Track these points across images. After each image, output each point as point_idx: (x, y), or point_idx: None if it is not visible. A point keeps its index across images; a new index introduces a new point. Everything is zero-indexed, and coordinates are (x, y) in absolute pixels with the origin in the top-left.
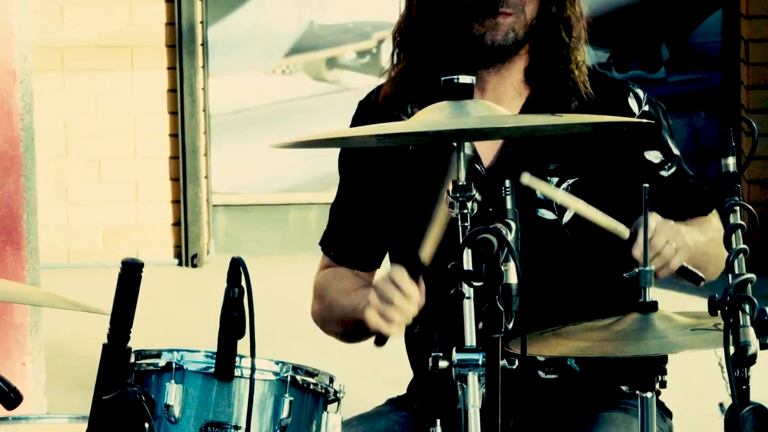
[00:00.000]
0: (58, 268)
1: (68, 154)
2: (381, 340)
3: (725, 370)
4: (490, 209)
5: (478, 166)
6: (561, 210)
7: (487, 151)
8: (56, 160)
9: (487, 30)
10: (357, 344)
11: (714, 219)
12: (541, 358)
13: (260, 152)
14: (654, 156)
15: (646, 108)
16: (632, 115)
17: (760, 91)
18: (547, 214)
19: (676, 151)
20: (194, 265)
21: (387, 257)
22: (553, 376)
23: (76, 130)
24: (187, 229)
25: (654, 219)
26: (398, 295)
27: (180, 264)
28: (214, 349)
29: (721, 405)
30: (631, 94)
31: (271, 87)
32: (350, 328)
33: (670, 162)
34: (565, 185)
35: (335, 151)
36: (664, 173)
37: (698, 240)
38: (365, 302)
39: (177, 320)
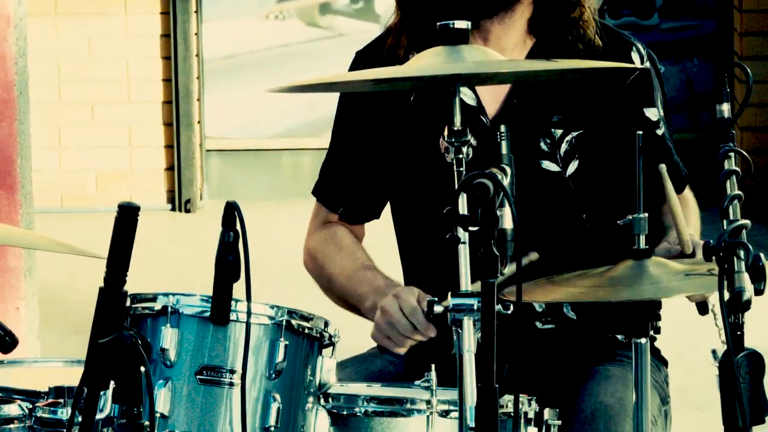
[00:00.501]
0: (52, 212)
1: (61, 98)
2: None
3: (718, 316)
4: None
5: (482, 117)
6: (565, 162)
7: (491, 102)
8: (49, 105)
9: None
10: None
11: (688, 198)
12: (539, 308)
13: (253, 97)
14: (652, 113)
15: (647, 64)
16: (633, 71)
17: (754, 38)
18: (551, 166)
19: (660, 112)
20: (187, 210)
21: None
22: (550, 326)
23: (68, 74)
24: (180, 174)
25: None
26: (412, 331)
27: (173, 209)
28: (210, 293)
29: (714, 352)
30: (634, 48)
31: (264, 32)
32: (347, 307)
33: (662, 122)
34: (569, 137)
35: (328, 98)
36: (659, 131)
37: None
38: (370, 298)
39: (171, 264)
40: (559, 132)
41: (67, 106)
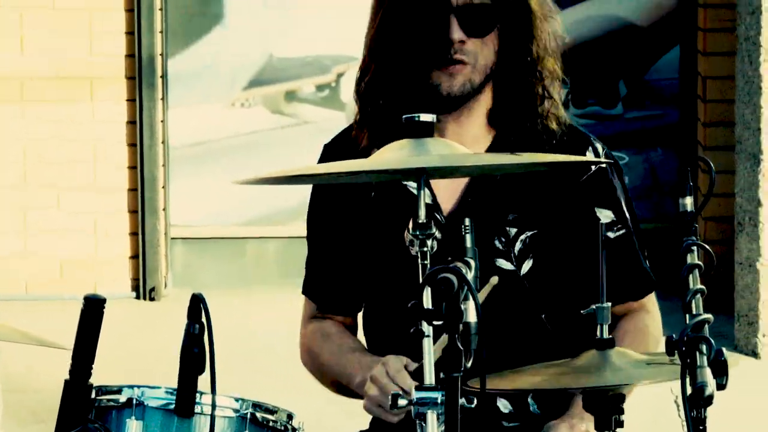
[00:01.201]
0: (16, 300)
1: (26, 181)
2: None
3: (681, 408)
4: (449, 258)
5: (437, 215)
6: (519, 261)
7: (447, 199)
8: (14, 189)
9: (443, 80)
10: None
11: (649, 306)
12: (505, 410)
13: (218, 185)
14: (605, 215)
15: (603, 165)
16: (587, 170)
17: (717, 129)
18: (506, 265)
19: (627, 215)
20: (152, 299)
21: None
22: (516, 424)
23: (35, 157)
24: (145, 262)
25: (562, 431)
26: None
27: (138, 297)
28: (174, 384)
29: None
30: (590, 147)
31: (230, 120)
32: (342, 390)
33: (619, 224)
34: (523, 236)
35: (293, 188)
36: (611, 234)
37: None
38: (359, 374)
39: (134, 353)
40: (513, 230)
41: (33, 189)
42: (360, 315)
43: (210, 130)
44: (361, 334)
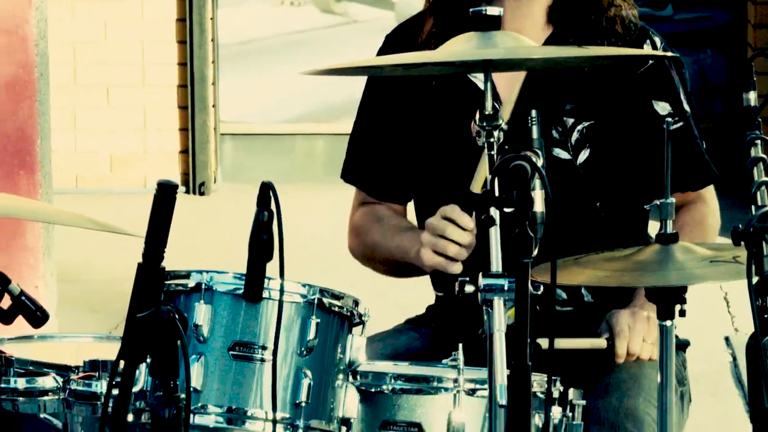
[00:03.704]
0: (67, 194)
1: (77, 80)
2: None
3: (732, 304)
4: (506, 146)
5: (497, 105)
6: (576, 150)
7: (506, 91)
8: (65, 87)
9: None
10: (373, 273)
11: (707, 197)
12: (559, 298)
13: (268, 82)
14: (662, 107)
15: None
16: (644, 62)
17: (767, 30)
18: (562, 154)
19: (687, 108)
20: (201, 193)
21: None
22: (569, 308)
23: (85, 56)
24: (194, 157)
25: (625, 319)
26: (453, 229)
27: (187, 192)
28: (237, 272)
29: (726, 339)
30: (648, 41)
31: (279, 18)
32: (396, 268)
33: (677, 116)
34: (580, 127)
35: (342, 84)
36: (672, 126)
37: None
38: (416, 245)
39: (185, 247)
40: (570, 121)
41: (83, 88)
42: (412, 211)
43: (259, 28)
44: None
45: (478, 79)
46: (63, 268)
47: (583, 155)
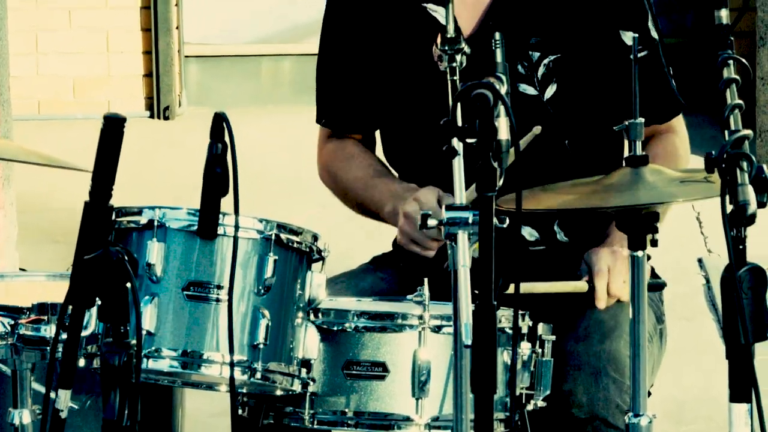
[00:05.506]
0: (29, 120)
1: (37, 3)
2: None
3: (704, 224)
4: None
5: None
6: (543, 86)
7: (468, 22)
8: (25, 9)
9: None
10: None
11: (677, 127)
12: (531, 238)
13: (233, 2)
14: (629, 37)
15: None
16: None
17: None
18: (529, 89)
19: (654, 35)
20: (166, 117)
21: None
22: (541, 247)
23: None
24: (159, 81)
25: (605, 258)
26: (428, 247)
27: (152, 116)
28: (196, 205)
29: (699, 260)
30: None
31: None
32: (367, 213)
33: (643, 44)
34: (546, 61)
35: (308, 3)
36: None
37: None
38: (388, 202)
39: (151, 172)
40: (536, 55)
41: (44, 10)
42: (379, 140)
43: None
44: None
45: (438, 14)
46: (23, 198)
47: (550, 91)
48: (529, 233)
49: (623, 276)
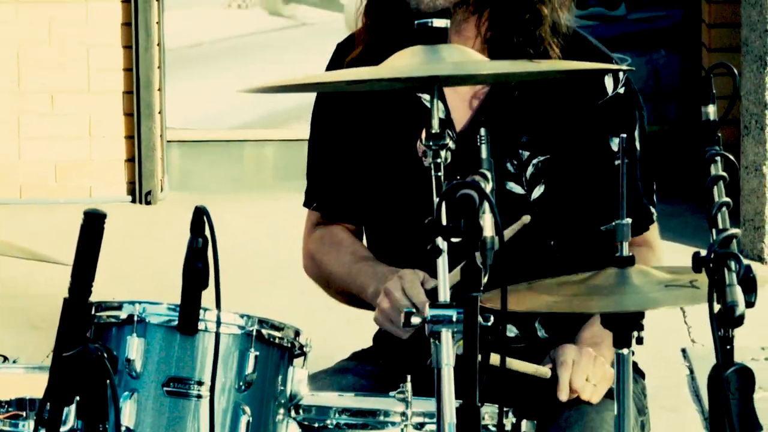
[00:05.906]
0: (11, 204)
1: (20, 86)
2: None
3: (688, 314)
4: (458, 177)
5: (449, 131)
6: (531, 185)
7: (461, 116)
8: (8, 93)
9: None
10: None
11: (651, 240)
12: (511, 334)
13: (215, 88)
14: (615, 144)
15: (621, 90)
16: (604, 94)
17: (722, 30)
18: (516, 188)
19: (637, 146)
20: (148, 202)
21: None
22: (521, 345)
23: (28, 61)
24: (141, 166)
25: (570, 352)
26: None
27: (133, 201)
28: (176, 300)
29: (683, 351)
30: (611, 72)
31: (226, 21)
32: (352, 301)
33: (626, 153)
34: (535, 161)
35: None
36: (617, 162)
37: None
38: (372, 284)
39: (132, 259)
40: (526, 154)
41: (26, 94)
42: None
43: (206, 32)
44: None
45: (427, 99)
46: (5, 284)
47: (538, 191)
48: (509, 329)
49: (587, 373)
